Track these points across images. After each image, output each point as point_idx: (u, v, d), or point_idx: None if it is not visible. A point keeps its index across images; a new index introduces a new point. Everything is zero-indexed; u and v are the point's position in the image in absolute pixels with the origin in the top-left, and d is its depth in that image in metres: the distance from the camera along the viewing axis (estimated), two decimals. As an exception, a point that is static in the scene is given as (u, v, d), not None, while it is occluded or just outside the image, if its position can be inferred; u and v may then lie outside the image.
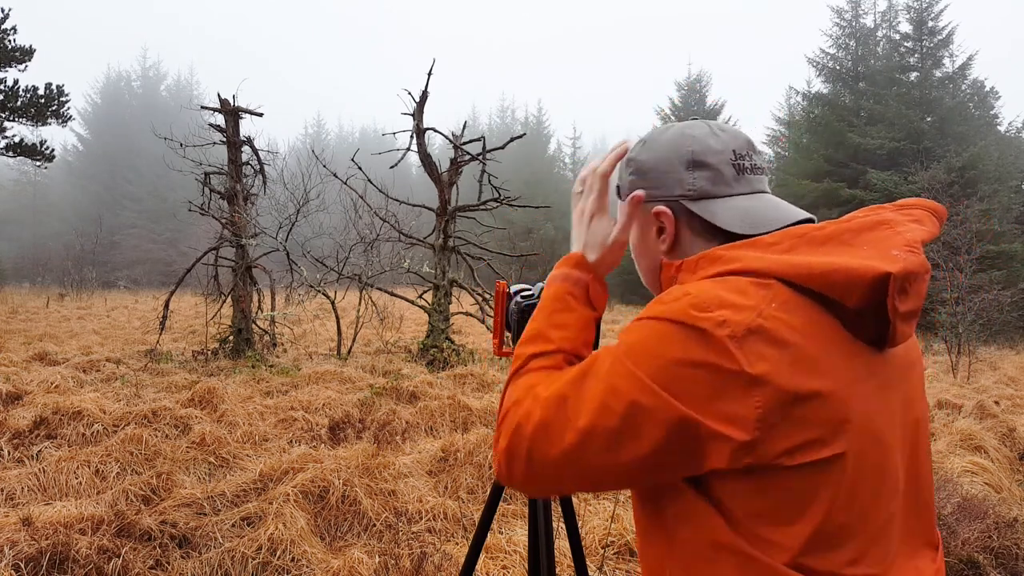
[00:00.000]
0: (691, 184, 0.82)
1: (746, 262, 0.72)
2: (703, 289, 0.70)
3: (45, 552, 2.63)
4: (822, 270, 0.68)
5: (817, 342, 0.68)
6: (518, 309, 1.22)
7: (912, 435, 0.76)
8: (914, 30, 22.02)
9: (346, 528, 3.25)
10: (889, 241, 0.71)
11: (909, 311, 0.70)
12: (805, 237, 0.73)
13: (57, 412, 4.78)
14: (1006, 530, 3.18)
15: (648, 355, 0.67)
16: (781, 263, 0.71)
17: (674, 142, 0.84)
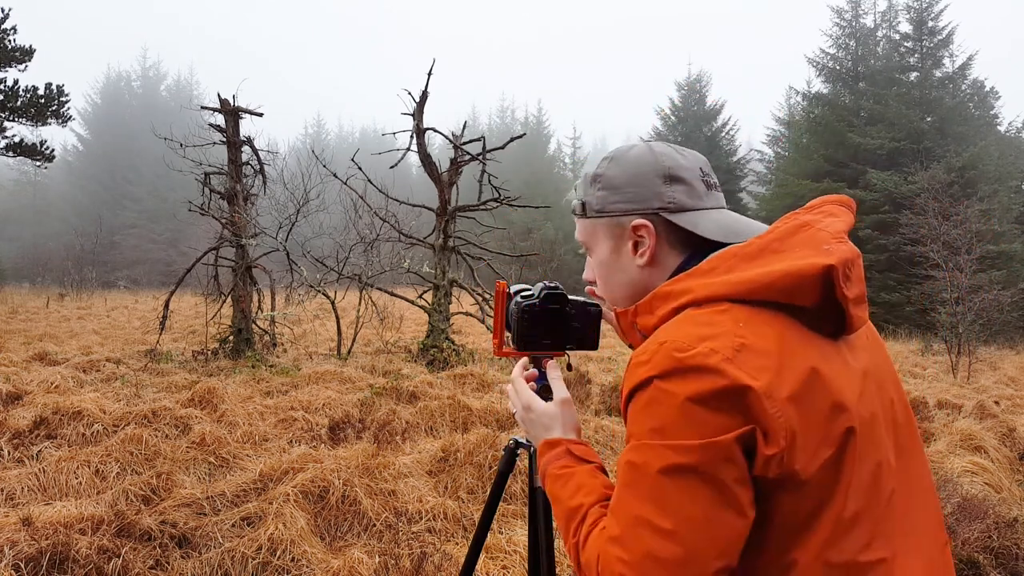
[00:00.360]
0: (671, 197, 0.84)
1: (696, 292, 0.75)
2: (674, 334, 0.72)
3: (45, 552, 2.63)
4: (770, 280, 0.72)
5: (790, 346, 0.72)
6: (518, 309, 1.22)
7: (890, 414, 0.80)
8: (914, 30, 22.02)
9: (346, 528, 3.25)
10: (816, 238, 0.76)
11: (857, 295, 0.75)
12: (738, 256, 0.77)
13: (57, 412, 4.78)
14: (1006, 530, 3.18)
15: (673, 423, 0.68)
16: (728, 284, 0.74)
17: (645, 158, 0.86)
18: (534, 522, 1.39)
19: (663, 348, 0.71)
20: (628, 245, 0.87)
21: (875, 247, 19.52)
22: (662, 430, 0.69)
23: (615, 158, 0.89)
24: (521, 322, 1.21)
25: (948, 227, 12.65)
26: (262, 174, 10.00)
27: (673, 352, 0.70)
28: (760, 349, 0.69)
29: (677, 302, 0.77)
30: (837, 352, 0.75)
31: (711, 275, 0.76)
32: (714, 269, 0.77)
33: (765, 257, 0.75)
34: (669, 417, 0.69)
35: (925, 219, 13.39)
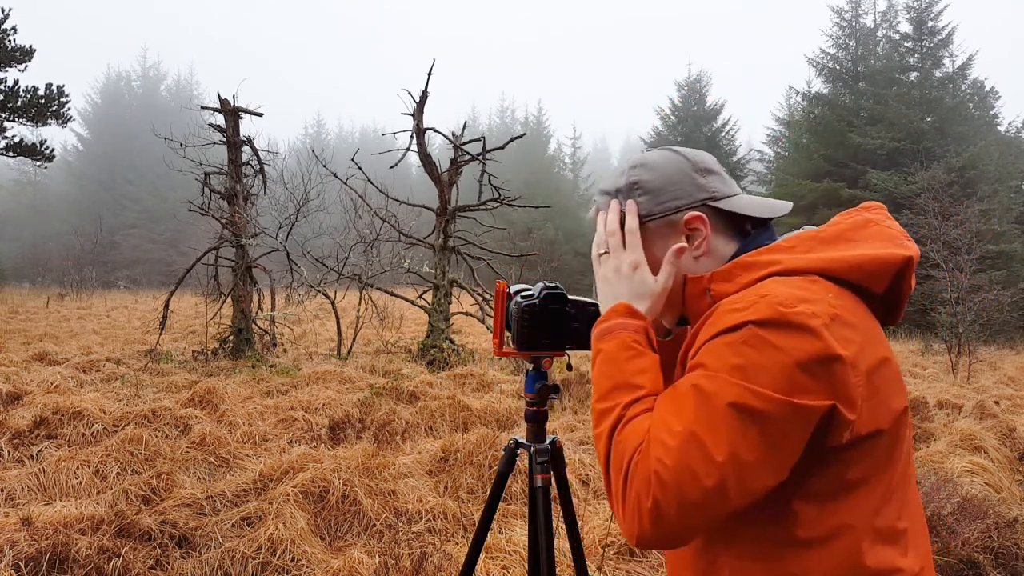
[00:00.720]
0: (712, 187, 0.89)
1: (785, 263, 0.80)
2: (776, 290, 0.75)
3: (45, 552, 2.63)
4: (858, 261, 0.78)
5: (867, 324, 0.77)
6: (518, 309, 1.22)
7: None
8: (914, 30, 22.03)
9: (346, 528, 3.25)
10: (886, 234, 0.82)
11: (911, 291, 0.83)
12: (816, 239, 0.83)
13: (57, 412, 4.78)
14: (1006, 530, 3.18)
15: (760, 369, 0.70)
16: (816, 260, 0.79)
17: (674, 158, 0.91)
18: (534, 522, 1.39)
19: (764, 299, 0.73)
20: (682, 240, 0.89)
21: (875, 247, 19.51)
22: (745, 371, 0.71)
23: (643, 164, 0.91)
24: (521, 322, 1.21)
25: (948, 227, 12.65)
26: (262, 174, 10.00)
27: (776, 304, 0.72)
28: (848, 321, 0.74)
29: (763, 271, 0.80)
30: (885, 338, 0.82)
31: (794, 251, 0.81)
32: (794, 247, 0.82)
33: (841, 243, 0.81)
34: (758, 362, 0.70)
35: (925, 219, 13.39)
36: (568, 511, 1.47)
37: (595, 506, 3.49)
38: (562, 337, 1.23)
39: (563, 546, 1.72)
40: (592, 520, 3.22)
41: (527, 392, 1.36)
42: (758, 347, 0.71)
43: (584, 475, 3.89)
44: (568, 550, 1.51)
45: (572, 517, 1.47)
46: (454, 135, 9.92)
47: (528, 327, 1.21)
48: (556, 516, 1.51)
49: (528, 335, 1.22)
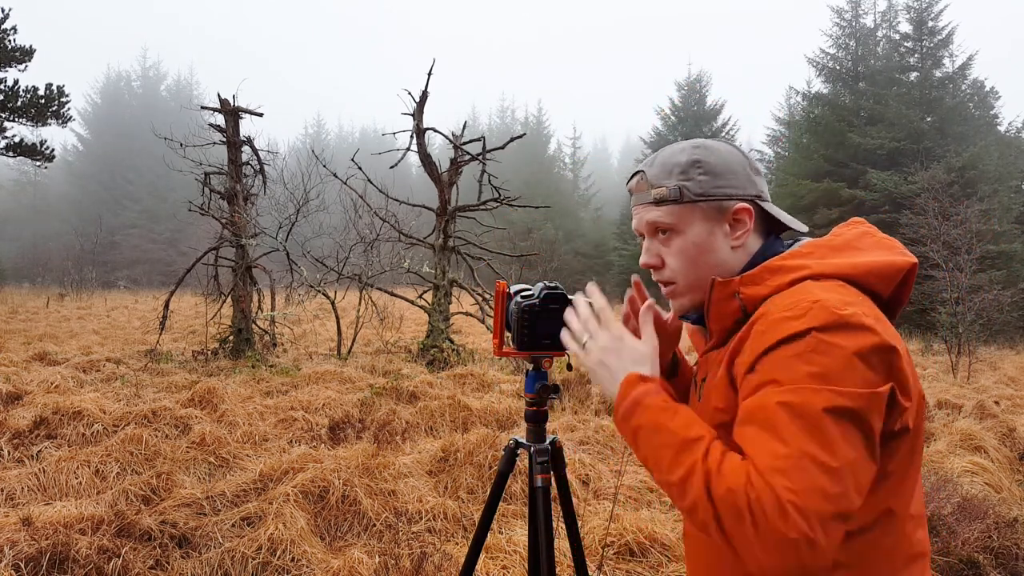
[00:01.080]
0: (760, 187, 0.94)
1: (813, 268, 0.85)
2: (823, 295, 0.79)
3: (45, 552, 2.63)
4: (873, 267, 0.85)
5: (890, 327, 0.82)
6: (518, 309, 1.22)
7: None
8: (914, 30, 22.03)
9: (346, 528, 3.25)
10: (886, 244, 0.89)
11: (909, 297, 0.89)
12: (829, 246, 0.89)
13: (57, 412, 4.78)
14: (1006, 530, 3.18)
15: (838, 371, 0.74)
16: (838, 266, 0.85)
17: (733, 151, 0.95)
18: (534, 522, 1.39)
19: (818, 305, 0.77)
20: (724, 227, 0.93)
21: (875, 247, 19.51)
22: (825, 376, 0.73)
23: (705, 147, 0.94)
24: (521, 322, 1.21)
25: (948, 227, 12.65)
26: (262, 174, 10.00)
27: (832, 308, 0.76)
28: (882, 318, 0.80)
29: (794, 275, 0.84)
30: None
31: (814, 257, 0.87)
32: (812, 253, 0.88)
33: (850, 251, 0.87)
34: (834, 365, 0.74)
35: (925, 219, 13.39)
36: (568, 511, 1.47)
37: (595, 506, 3.49)
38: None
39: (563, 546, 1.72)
40: (592, 520, 3.22)
41: (527, 392, 1.36)
42: (827, 352, 0.74)
43: (584, 475, 3.89)
44: (568, 550, 1.51)
45: (572, 517, 1.47)
46: (454, 135, 9.92)
47: (528, 327, 1.21)
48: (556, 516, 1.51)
49: (528, 335, 1.22)
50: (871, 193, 19.94)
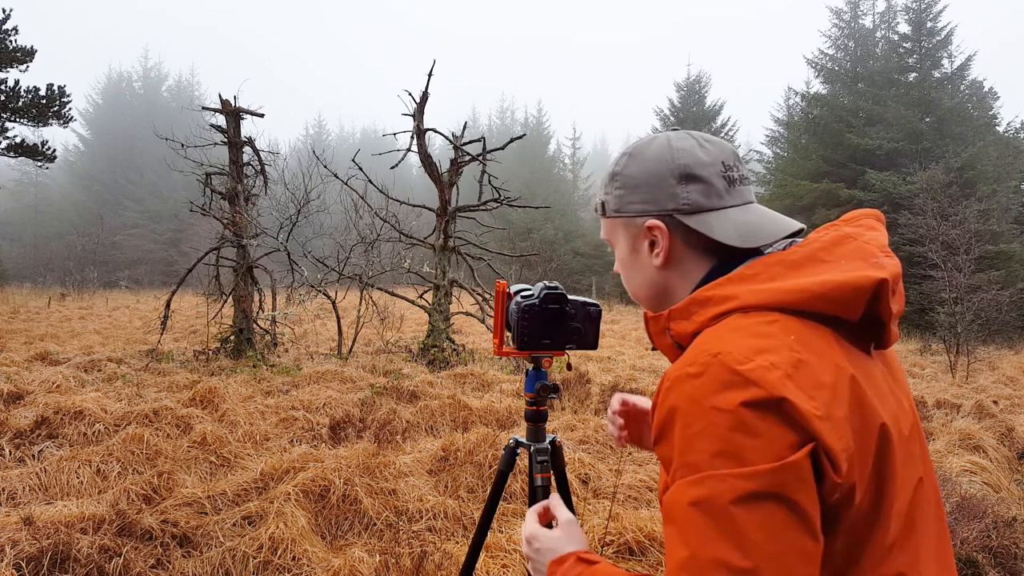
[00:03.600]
0: (685, 198, 0.80)
1: (742, 298, 0.71)
2: (728, 344, 0.67)
3: (46, 551, 2.64)
4: (824, 290, 0.69)
5: (838, 362, 0.68)
6: (518, 309, 1.23)
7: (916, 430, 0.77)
8: (913, 31, 22.03)
9: (347, 527, 3.26)
10: (864, 251, 0.73)
11: (898, 311, 0.73)
12: (783, 263, 0.73)
13: (58, 412, 4.79)
14: (1005, 529, 3.19)
15: (740, 446, 0.62)
16: (778, 292, 0.70)
17: (662, 155, 0.82)
18: (534, 520, 1.40)
19: (718, 360, 0.65)
20: (645, 244, 0.84)
21: (875, 247, 19.52)
22: (728, 454, 0.62)
23: (633, 154, 0.85)
24: (521, 322, 1.22)
25: (947, 227, 12.66)
26: (263, 174, 10.01)
27: (732, 365, 0.64)
28: (816, 366, 0.65)
29: (720, 308, 0.72)
30: (873, 367, 0.73)
31: (755, 281, 0.72)
32: (757, 275, 0.73)
33: (811, 266, 0.72)
34: (735, 439, 0.62)
35: (924, 219, 13.40)
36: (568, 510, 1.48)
37: (594, 505, 3.50)
38: (562, 337, 1.24)
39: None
40: (591, 519, 3.24)
41: (527, 392, 1.37)
42: (727, 422, 0.63)
43: (584, 474, 3.90)
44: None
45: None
46: (454, 136, 9.93)
47: (528, 327, 1.22)
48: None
49: (528, 335, 1.23)
50: (870, 193, 19.94)
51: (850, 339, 0.71)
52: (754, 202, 0.84)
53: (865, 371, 0.70)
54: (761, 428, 0.62)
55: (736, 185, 0.82)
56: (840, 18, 23.92)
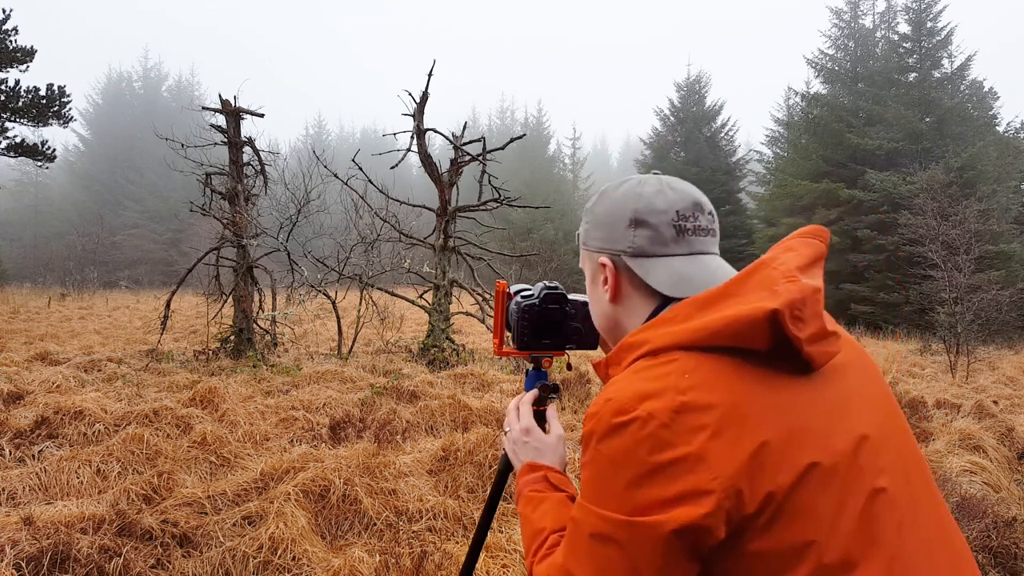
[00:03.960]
0: (631, 241, 0.85)
1: (652, 342, 0.75)
2: (619, 390, 0.71)
3: (46, 551, 2.64)
4: (717, 326, 0.71)
5: (739, 393, 0.69)
6: (518, 309, 1.23)
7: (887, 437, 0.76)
8: (913, 31, 22.04)
9: (347, 527, 3.26)
10: (769, 279, 0.74)
11: (813, 334, 0.72)
12: (694, 304, 0.76)
13: (58, 412, 4.79)
14: (1005, 529, 3.19)
15: (605, 492, 0.68)
16: (681, 333, 0.73)
17: (623, 198, 0.87)
18: (534, 520, 1.40)
19: (608, 406, 0.70)
20: (600, 278, 0.89)
21: (874, 247, 19.53)
22: (595, 494, 0.69)
23: (604, 193, 0.91)
24: (521, 322, 1.22)
25: (947, 227, 12.67)
26: (263, 174, 10.02)
27: (613, 414, 0.69)
28: (702, 405, 0.67)
29: (636, 353, 0.76)
30: (801, 389, 0.73)
31: (667, 324, 0.76)
32: (672, 318, 0.76)
33: (721, 303, 0.74)
34: (603, 483, 0.68)
35: (924, 219, 13.41)
36: (567, 509, 1.48)
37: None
38: (562, 337, 1.24)
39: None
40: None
41: (527, 392, 1.37)
42: (601, 463, 0.68)
43: (584, 474, 3.90)
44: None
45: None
46: (454, 136, 9.93)
47: (528, 327, 1.22)
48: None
49: (528, 335, 1.23)
50: (870, 193, 19.95)
51: (772, 366, 0.72)
52: (709, 253, 0.86)
53: (784, 398, 0.71)
54: (633, 474, 0.66)
55: (687, 235, 0.84)
56: (840, 18, 23.93)
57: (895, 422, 0.79)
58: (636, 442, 0.66)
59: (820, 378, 0.75)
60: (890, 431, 0.77)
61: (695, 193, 0.87)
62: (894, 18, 23.03)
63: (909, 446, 0.79)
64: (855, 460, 0.70)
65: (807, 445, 0.68)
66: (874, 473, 0.71)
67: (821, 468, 0.67)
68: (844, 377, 0.78)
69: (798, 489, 0.66)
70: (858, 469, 0.70)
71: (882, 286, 18.57)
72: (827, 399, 0.74)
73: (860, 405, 0.76)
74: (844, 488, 0.68)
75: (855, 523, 0.67)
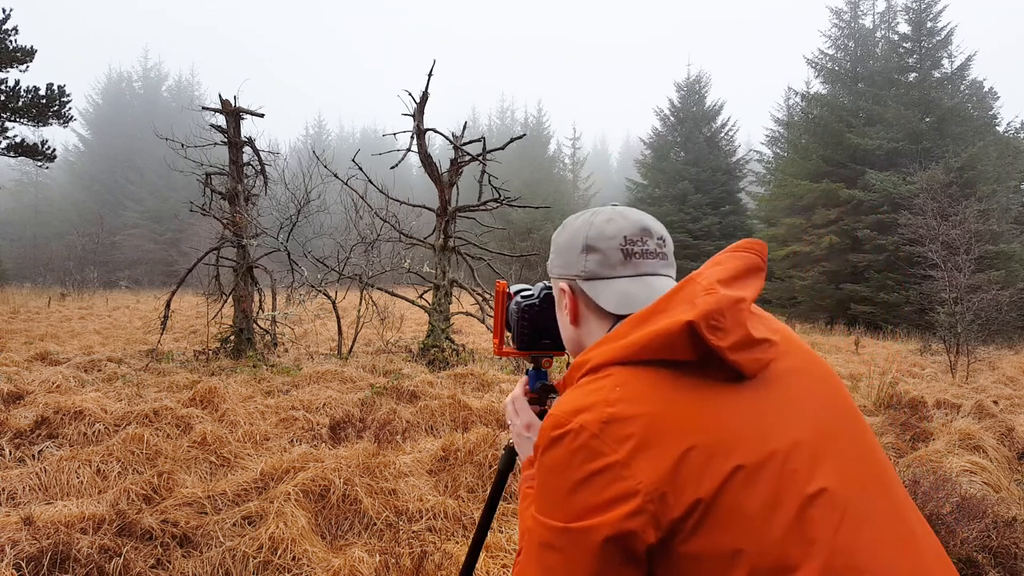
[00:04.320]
0: (583, 266, 0.91)
1: (593, 360, 0.80)
2: (558, 405, 0.77)
3: (46, 551, 2.64)
4: (644, 341, 0.75)
5: (668, 402, 0.73)
6: (518, 309, 1.23)
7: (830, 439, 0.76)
8: (913, 31, 22.05)
9: (347, 527, 3.26)
10: (691, 293, 0.78)
11: (736, 342, 0.74)
12: (632, 321, 0.80)
13: (58, 412, 4.79)
14: (1005, 529, 3.19)
15: (547, 501, 0.72)
16: (617, 349, 0.77)
17: (579, 227, 0.94)
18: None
19: (547, 421, 0.75)
20: (563, 303, 0.96)
21: (874, 247, 19.53)
22: (540, 505, 0.73)
23: (565, 225, 0.97)
24: (521, 322, 1.22)
25: (947, 227, 12.67)
26: (263, 174, 10.01)
27: (551, 428, 0.74)
28: (628, 415, 0.71)
29: (581, 371, 0.81)
30: (734, 396, 0.74)
31: (608, 342, 0.80)
32: (614, 336, 0.80)
33: (653, 319, 0.78)
34: (546, 493, 0.73)
35: (924, 219, 13.41)
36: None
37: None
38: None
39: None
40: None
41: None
42: (543, 474, 0.73)
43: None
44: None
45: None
46: (454, 136, 9.93)
47: (528, 327, 1.22)
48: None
49: (528, 335, 1.23)
50: (870, 193, 19.95)
51: (702, 376, 0.75)
52: (658, 275, 0.91)
53: (713, 406, 0.73)
54: (568, 483, 0.70)
55: (635, 258, 0.90)
56: (840, 18, 23.94)
57: (845, 424, 0.80)
58: (570, 453, 0.71)
59: (757, 384, 0.77)
60: (836, 433, 0.78)
61: (645, 220, 0.92)
62: (894, 18, 23.04)
63: (861, 448, 0.79)
64: (786, 464, 0.71)
65: (734, 451, 0.70)
66: (808, 476, 0.71)
67: (747, 472, 0.69)
68: (785, 382, 0.79)
69: (724, 494, 0.67)
70: (790, 472, 0.70)
71: (882, 286, 18.57)
72: (761, 405, 0.75)
73: (800, 409, 0.77)
74: (775, 492, 0.69)
75: (789, 526, 0.68)
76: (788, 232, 23.57)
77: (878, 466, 0.78)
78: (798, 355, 0.84)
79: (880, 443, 0.85)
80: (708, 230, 27.36)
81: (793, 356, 0.83)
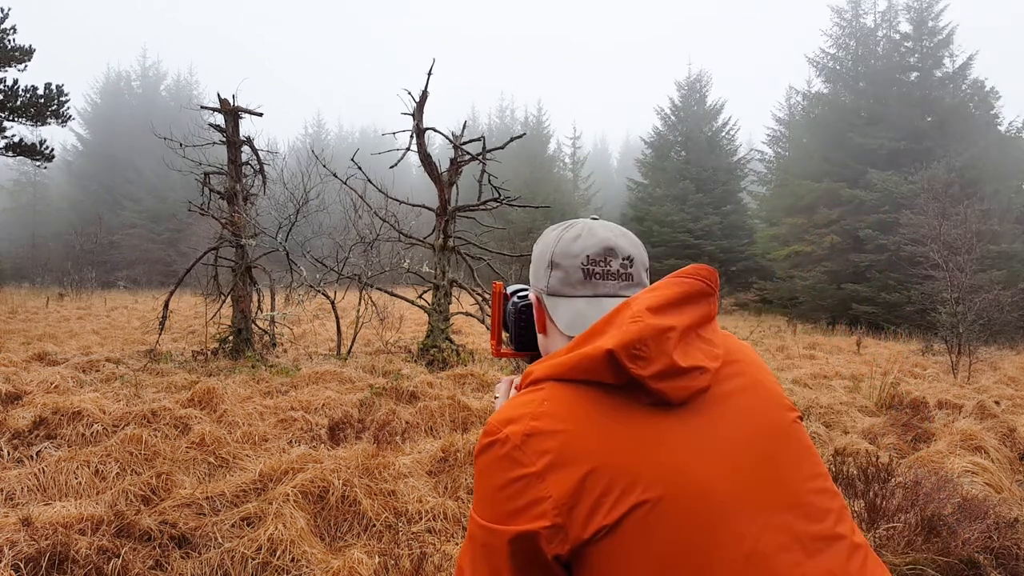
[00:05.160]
0: (547, 281, 0.94)
1: (535, 374, 0.82)
2: (495, 413, 0.80)
3: (45, 552, 2.63)
4: (572, 362, 0.77)
5: (588, 424, 0.74)
6: (515, 309, 1.22)
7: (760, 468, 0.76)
8: (914, 30, 22.04)
9: (346, 528, 3.25)
10: (621, 318, 0.78)
11: (660, 371, 0.75)
12: (576, 340, 0.82)
13: (57, 412, 4.77)
14: (1006, 530, 3.18)
15: (478, 500, 0.77)
16: (554, 366, 0.80)
17: (550, 241, 0.95)
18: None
19: (488, 425, 0.79)
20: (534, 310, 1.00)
21: (875, 247, 19.52)
22: (474, 502, 0.78)
23: (543, 236, 0.99)
24: (519, 322, 1.20)
25: (948, 227, 12.66)
26: (262, 174, 10.00)
27: (485, 434, 0.78)
28: (549, 431, 0.74)
29: (526, 381, 0.85)
30: (660, 422, 0.75)
31: (551, 358, 0.82)
32: (557, 352, 0.83)
33: (591, 340, 0.79)
34: (477, 492, 0.78)
35: (925, 219, 13.40)
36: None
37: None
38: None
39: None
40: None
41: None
42: (476, 476, 0.78)
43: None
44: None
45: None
46: (454, 135, 9.92)
47: (526, 327, 1.21)
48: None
49: (526, 335, 1.22)
50: (871, 193, 19.94)
51: (631, 399, 0.75)
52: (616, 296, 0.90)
53: (633, 431, 0.74)
54: (489, 491, 0.75)
55: (595, 279, 0.90)
56: (841, 17, 23.92)
57: (779, 449, 0.79)
58: (496, 459, 0.75)
59: (687, 412, 0.77)
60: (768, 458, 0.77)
61: (613, 240, 0.91)
62: (895, 17, 23.01)
63: (793, 475, 0.78)
64: (702, 494, 0.71)
65: (639, 481, 0.71)
66: (723, 506, 0.71)
67: (651, 507, 0.70)
68: (720, 408, 0.79)
69: (626, 525, 0.69)
70: (699, 515, 0.70)
71: (884, 286, 18.55)
72: (687, 435, 0.75)
73: (729, 439, 0.77)
74: (683, 533, 0.69)
75: (697, 556, 0.69)
76: (789, 232, 23.57)
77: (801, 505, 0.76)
78: (743, 377, 0.83)
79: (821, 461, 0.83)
80: (709, 230, 27.36)
81: (737, 378, 0.82)
